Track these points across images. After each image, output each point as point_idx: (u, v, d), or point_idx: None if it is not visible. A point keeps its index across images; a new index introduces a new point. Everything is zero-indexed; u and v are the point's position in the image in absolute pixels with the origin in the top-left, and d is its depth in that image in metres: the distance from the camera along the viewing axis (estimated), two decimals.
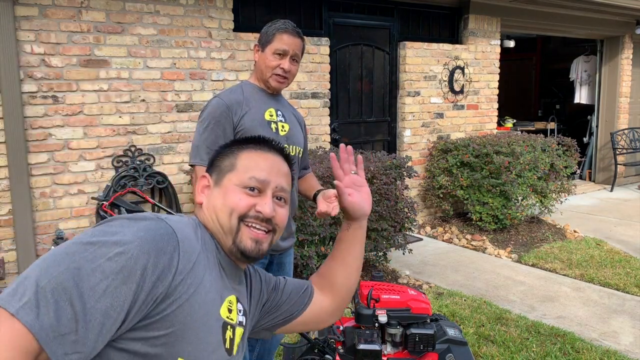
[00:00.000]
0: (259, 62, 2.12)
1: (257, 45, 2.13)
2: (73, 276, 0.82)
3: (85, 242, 0.87)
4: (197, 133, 2.09)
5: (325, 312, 1.34)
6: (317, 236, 3.58)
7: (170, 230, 0.95)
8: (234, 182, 1.11)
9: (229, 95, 2.08)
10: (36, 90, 3.66)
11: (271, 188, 1.12)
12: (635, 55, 8.28)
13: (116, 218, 0.95)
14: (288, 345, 2.08)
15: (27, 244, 3.68)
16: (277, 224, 1.13)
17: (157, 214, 1.00)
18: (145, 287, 0.87)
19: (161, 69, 4.12)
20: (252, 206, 1.09)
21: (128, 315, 0.86)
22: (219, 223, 1.09)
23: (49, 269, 0.83)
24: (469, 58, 6.16)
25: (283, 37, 2.06)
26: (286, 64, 2.08)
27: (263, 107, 2.11)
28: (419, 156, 5.89)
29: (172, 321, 0.92)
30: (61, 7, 3.70)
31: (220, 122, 2.02)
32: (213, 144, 1.99)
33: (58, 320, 0.79)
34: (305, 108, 4.92)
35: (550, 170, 5.66)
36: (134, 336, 0.89)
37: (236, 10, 4.53)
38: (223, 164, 1.15)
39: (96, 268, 0.84)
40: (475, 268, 4.55)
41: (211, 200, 1.13)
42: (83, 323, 0.81)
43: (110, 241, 0.88)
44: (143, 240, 0.90)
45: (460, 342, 2.19)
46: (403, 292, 2.24)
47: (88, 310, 0.81)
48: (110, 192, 3.84)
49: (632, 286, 4.09)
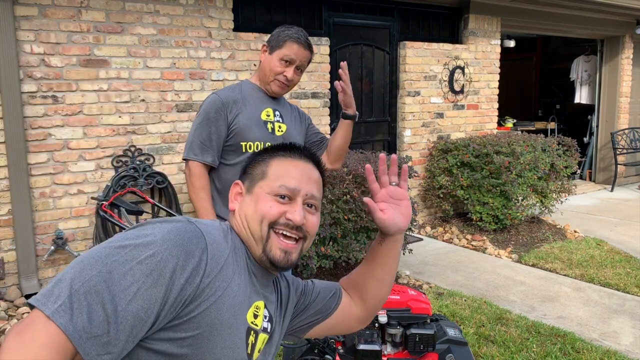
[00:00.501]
0: (264, 64, 2.12)
1: (265, 45, 2.13)
2: (105, 279, 0.85)
3: (117, 246, 0.90)
4: (192, 127, 2.12)
5: (355, 318, 1.33)
6: (317, 236, 3.58)
7: (199, 233, 0.98)
8: (265, 190, 1.12)
9: (226, 92, 2.09)
10: (36, 90, 3.66)
11: (301, 196, 1.12)
12: (635, 55, 8.27)
13: (148, 222, 0.99)
14: (288, 345, 2.07)
15: (26, 244, 3.68)
16: (307, 231, 1.14)
17: (189, 218, 1.03)
18: (174, 289, 0.90)
19: (161, 69, 4.11)
20: (283, 214, 1.10)
21: (158, 317, 0.89)
22: (250, 230, 1.11)
23: (83, 272, 0.86)
24: (469, 58, 6.15)
25: (294, 46, 2.07)
26: (290, 73, 2.09)
27: (260, 106, 2.11)
28: (419, 156, 5.88)
29: (199, 323, 0.94)
30: (61, 7, 3.70)
31: (214, 119, 2.04)
32: (206, 140, 2.03)
33: (91, 322, 0.82)
34: (305, 108, 4.91)
35: (551, 170, 5.66)
36: (162, 336, 0.92)
37: (236, 10, 4.52)
38: (255, 172, 1.16)
39: (127, 271, 0.87)
40: (475, 268, 4.54)
41: (243, 208, 1.14)
42: (114, 325, 0.84)
43: (141, 244, 0.91)
44: (172, 242, 0.93)
45: (461, 342, 2.18)
46: (403, 292, 2.24)
47: (119, 312, 0.84)
48: (110, 192, 3.83)
49: (632, 286, 4.09)
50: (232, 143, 2.08)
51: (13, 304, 3.54)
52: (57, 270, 3.87)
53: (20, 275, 3.68)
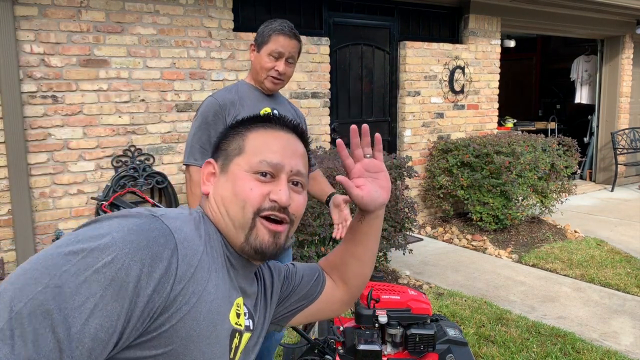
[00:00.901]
0: (254, 63, 2.11)
1: (252, 44, 2.12)
2: (54, 296, 0.69)
3: (67, 252, 0.74)
4: (190, 132, 2.09)
5: (339, 301, 1.22)
6: (317, 236, 3.58)
7: (167, 230, 0.81)
8: (243, 168, 0.96)
9: (223, 94, 2.07)
10: (36, 90, 3.66)
11: (286, 172, 0.97)
12: (635, 55, 8.27)
13: (103, 218, 0.82)
14: (288, 345, 2.07)
15: (26, 244, 3.68)
16: (293, 214, 0.98)
17: (152, 210, 0.86)
18: (139, 301, 0.74)
19: (161, 69, 4.11)
20: (266, 195, 0.95)
21: (122, 336, 0.74)
22: (229, 217, 0.95)
23: (25, 288, 0.69)
24: (469, 58, 6.15)
25: (279, 38, 2.04)
26: (281, 66, 2.06)
27: (258, 106, 2.09)
28: (419, 156, 5.88)
29: (172, 337, 0.79)
30: (61, 7, 3.69)
31: (212, 122, 2.02)
32: (206, 144, 2.00)
33: (38, 353, 0.67)
34: (305, 108, 4.91)
35: (551, 170, 5.66)
36: (128, 356, 0.76)
37: (236, 10, 4.52)
38: (230, 148, 1.00)
39: (81, 284, 0.71)
40: (475, 268, 4.54)
41: (218, 191, 0.98)
42: (68, 352, 0.68)
43: (96, 248, 0.74)
44: (135, 244, 0.76)
45: (461, 342, 2.18)
46: (403, 292, 2.23)
47: (73, 335, 0.69)
48: (109, 192, 3.83)
49: (632, 286, 4.09)
50: None
51: None
52: None
53: None
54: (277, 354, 2.92)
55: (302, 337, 2.15)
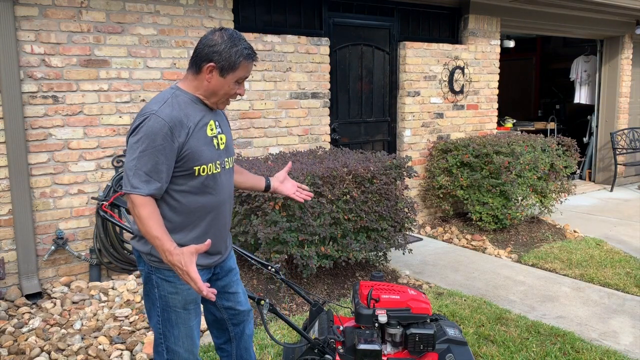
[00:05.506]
0: (214, 86, 1.89)
1: (213, 66, 1.87)
2: None
3: None
4: (131, 154, 1.79)
5: None
6: (317, 236, 3.58)
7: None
8: None
9: (169, 113, 1.82)
10: (36, 90, 3.66)
11: None
12: (635, 55, 8.29)
13: None
14: (288, 345, 2.08)
15: (27, 244, 3.69)
16: None
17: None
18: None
19: (161, 69, 4.12)
20: None
21: None
22: None
23: None
24: (469, 58, 6.16)
25: (249, 66, 1.91)
26: (242, 90, 1.96)
27: (204, 121, 1.93)
28: (419, 156, 5.89)
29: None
30: (61, 7, 3.70)
31: (160, 147, 1.78)
32: (152, 171, 1.78)
33: None
34: (305, 108, 4.92)
35: (550, 170, 5.67)
36: None
37: (236, 10, 4.53)
38: None
39: None
40: (475, 268, 4.55)
41: None
42: None
43: None
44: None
45: (460, 342, 2.19)
46: (403, 292, 2.24)
47: None
48: (110, 192, 3.84)
49: (632, 286, 4.10)
50: (184, 168, 1.86)
51: (13, 304, 3.54)
52: (58, 270, 3.88)
53: (20, 275, 3.68)
54: (277, 353, 2.92)
55: (302, 337, 2.15)
